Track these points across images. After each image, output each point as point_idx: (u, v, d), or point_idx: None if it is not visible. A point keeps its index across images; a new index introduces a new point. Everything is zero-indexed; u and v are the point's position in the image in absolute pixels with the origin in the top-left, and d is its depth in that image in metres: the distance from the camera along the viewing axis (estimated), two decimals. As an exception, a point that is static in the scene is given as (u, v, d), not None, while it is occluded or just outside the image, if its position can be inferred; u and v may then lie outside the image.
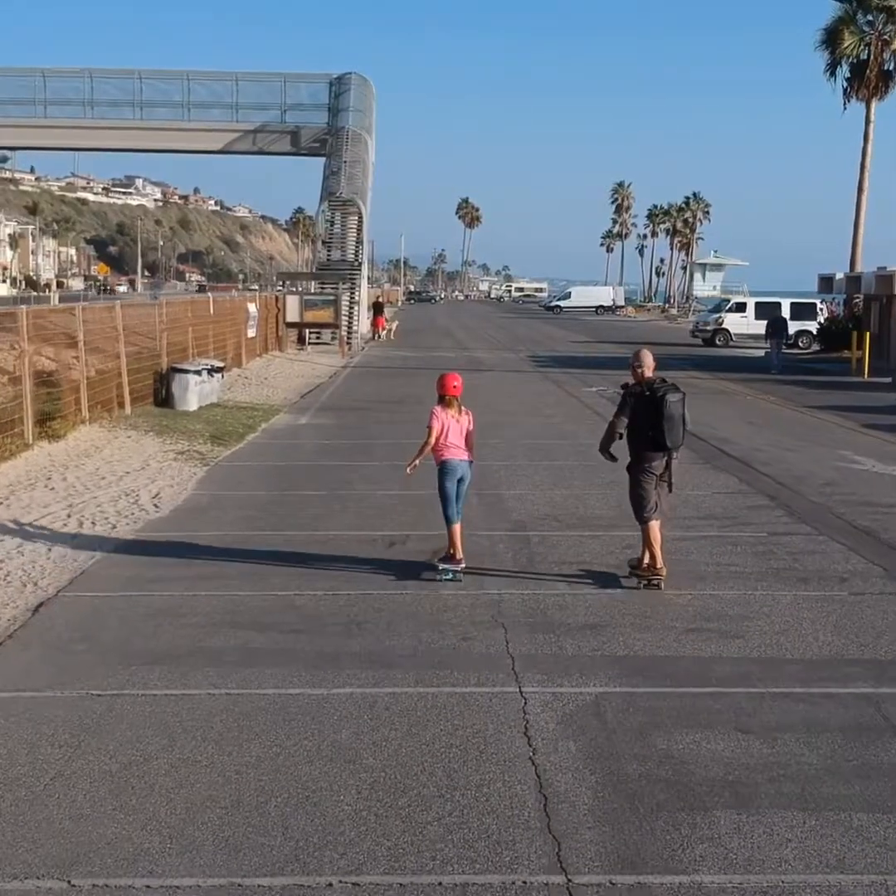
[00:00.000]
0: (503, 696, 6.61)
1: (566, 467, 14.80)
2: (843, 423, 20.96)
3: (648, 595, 8.83)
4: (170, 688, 6.77)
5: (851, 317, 40.83)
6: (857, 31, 44.55)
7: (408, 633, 7.80)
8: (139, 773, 5.60)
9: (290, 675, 6.95)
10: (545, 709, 6.43)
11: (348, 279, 41.25)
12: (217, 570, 9.49)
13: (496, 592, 8.83)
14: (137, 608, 8.43)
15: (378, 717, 6.31)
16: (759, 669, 7.15)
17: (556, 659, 7.30)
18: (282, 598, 8.69)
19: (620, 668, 7.12)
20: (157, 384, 20.19)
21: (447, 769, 5.64)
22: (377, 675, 6.97)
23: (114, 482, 13.16)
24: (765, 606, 8.53)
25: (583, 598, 8.71)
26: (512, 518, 11.73)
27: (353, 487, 13.31)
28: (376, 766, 5.67)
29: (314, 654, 7.38)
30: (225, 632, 7.83)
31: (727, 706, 6.51)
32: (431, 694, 6.65)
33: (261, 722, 6.23)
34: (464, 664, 7.17)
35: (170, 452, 15.48)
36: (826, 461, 15.84)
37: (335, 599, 8.64)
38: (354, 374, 30.59)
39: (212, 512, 11.94)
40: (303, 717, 6.30)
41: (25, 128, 53.60)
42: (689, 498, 12.73)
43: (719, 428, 19.25)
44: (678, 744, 5.95)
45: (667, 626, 8.01)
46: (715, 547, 10.43)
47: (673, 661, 7.31)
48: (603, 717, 6.32)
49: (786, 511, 12.19)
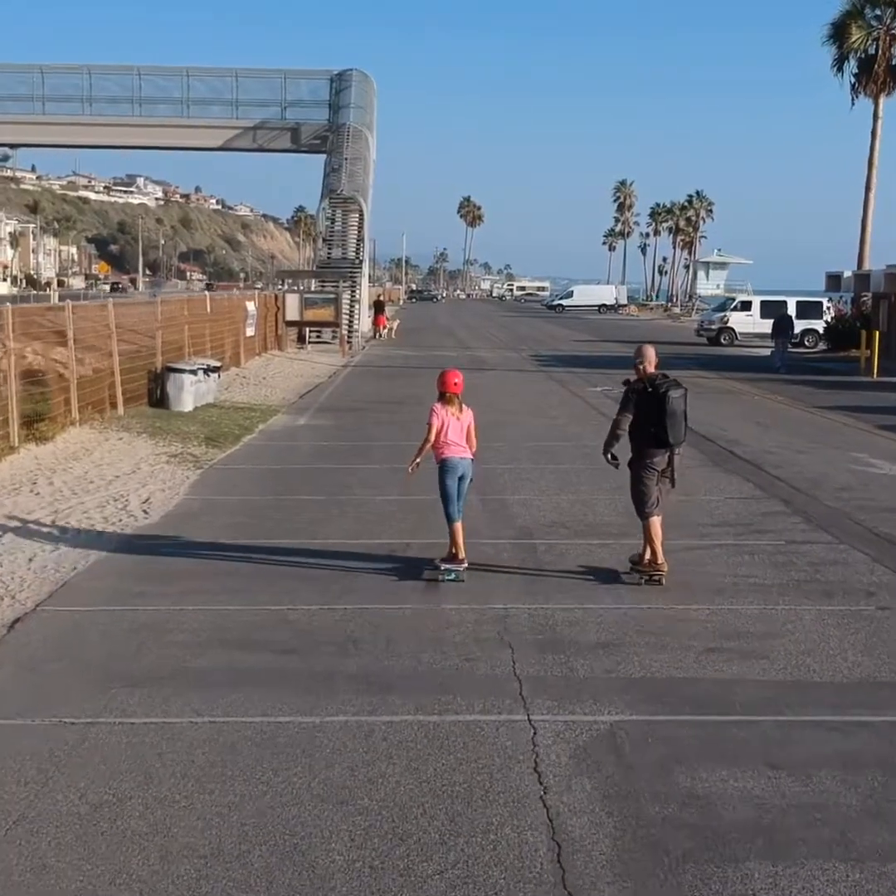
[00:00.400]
0: (510, 726, 6.09)
1: (572, 471, 14.28)
2: (854, 423, 20.42)
3: (664, 611, 8.31)
4: (150, 715, 6.25)
5: (859, 315, 40.26)
6: (865, 25, 44.02)
7: (407, 653, 7.28)
8: (111, 816, 5.09)
9: (280, 701, 6.43)
10: (556, 740, 5.91)
11: (349, 277, 40.72)
12: (206, 582, 8.97)
13: (501, 607, 8.31)
14: (120, 624, 7.91)
15: (374, 749, 5.79)
16: (786, 694, 6.63)
17: (566, 682, 6.78)
18: (273, 612, 8.17)
19: (636, 693, 6.60)
20: (151, 384, 19.67)
21: (450, 811, 5.12)
22: (374, 700, 6.45)
23: (102, 487, 12.64)
24: (788, 623, 8.01)
25: (594, 613, 8.18)
26: (517, 525, 11.21)
27: (351, 492, 12.79)
28: (372, 807, 5.16)
29: (306, 675, 6.87)
30: (212, 651, 7.32)
31: (754, 736, 5.99)
32: (433, 723, 6.13)
33: (246, 755, 5.72)
34: (468, 688, 6.65)
35: (162, 455, 14.96)
36: (840, 464, 15.31)
37: (330, 614, 8.12)
38: (355, 374, 30.07)
39: (204, 518, 11.42)
40: (292, 749, 5.78)
41: (24, 125, 53.16)
42: (702, 503, 12.22)
43: (728, 429, 18.74)
44: (703, 781, 5.43)
45: (685, 646, 7.48)
46: (731, 557, 9.91)
47: (692, 684, 6.79)
48: (619, 750, 5.80)
49: (803, 517, 11.66)
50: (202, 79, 54.69)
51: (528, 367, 33.49)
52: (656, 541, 8.91)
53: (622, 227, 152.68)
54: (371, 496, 12.54)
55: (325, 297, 37.92)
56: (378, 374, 29.93)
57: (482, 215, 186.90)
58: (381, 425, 18.76)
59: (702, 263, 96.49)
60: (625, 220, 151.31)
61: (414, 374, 28.15)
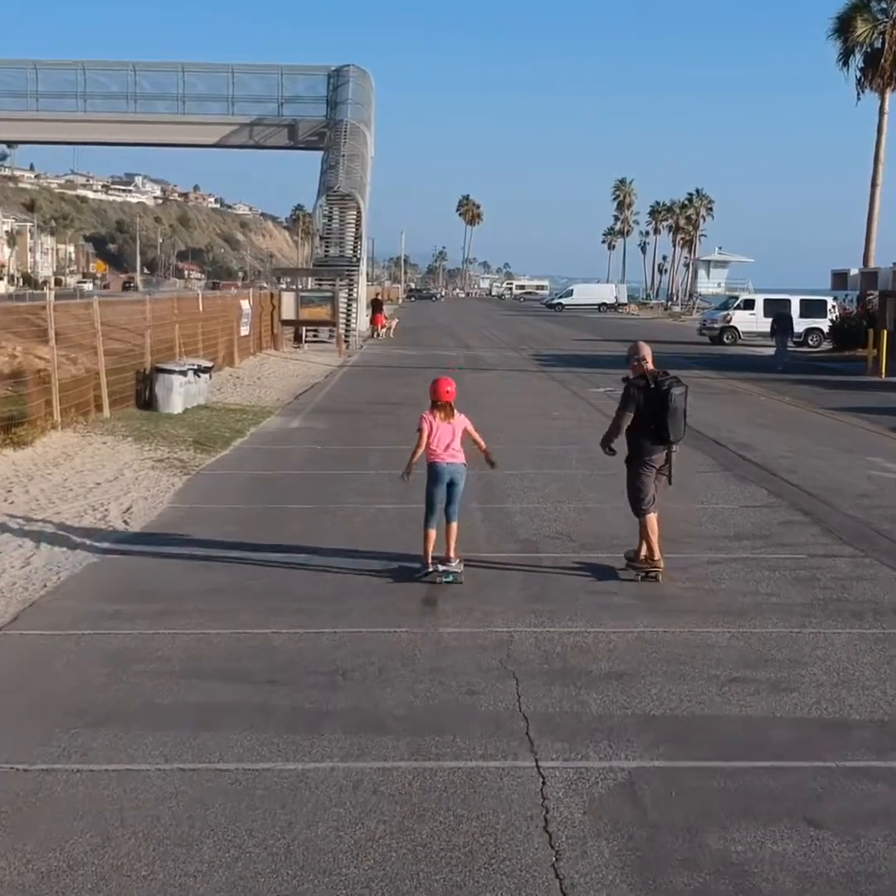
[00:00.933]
0: (516, 774, 5.43)
1: (577, 477, 13.62)
2: (865, 425, 19.77)
3: (681, 635, 7.63)
4: (113, 761, 5.58)
5: (865, 314, 39.58)
6: (871, 18, 43.33)
7: (402, 685, 6.61)
8: (59, 888, 4.43)
9: (259, 744, 5.76)
10: (569, 792, 5.24)
11: (346, 276, 40.01)
12: (186, 601, 8.29)
13: (505, 630, 7.64)
14: (89, 651, 7.24)
15: (364, 803, 5.12)
16: (823, 735, 5.96)
17: (578, 720, 6.11)
18: (256, 637, 7.50)
19: (656, 734, 5.93)
20: (139, 385, 18.98)
21: (448, 883, 4.46)
22: (364, 742, 5.79)
23: (81, 495, 11.96)
24: (817, 649, 7.34)
25: (605, 638, 7.52)
26: (520, 537, 10.55)
27: (344, 501, 12.13)
28: (359, 877, 4.49)
29: (290, 712, 6.20)
30: (187, 682, 6.65)
31: (790, 787, 5.33)
32: (429, 770, 5.46)
33: (218, 812, 5.05)
34: (468, 727, 5.98)
35: (147, 460, 14.27)
36: (857, 469, 14.66)
37: (318, 639, 7.46)
38: (351, 374, 29.39)
39: (187, 529, 10.73)
40: (271, 803, 5.12)
41: (18, 121, 52.46)
42: (716, 513, 11.56)
43: (737, 432, 18.11)
44: (736, 843, 4.77)
45: (706, 675, 6.82)
46: (750, 572, 9.24)
47: (718, 722, 6.12)
48: (640, 804, 5.14)
49: (822, 528, 11.00)
50: (198, 75, 54.00)
51: (528, 366, 32.82)
52: (653, 537, 8.88)
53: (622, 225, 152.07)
54: (366, 505, 11.88)
55: (322, 296, 37.21)
56: (376, 373, 29.24)
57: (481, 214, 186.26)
58: (377, 428, 18.09)
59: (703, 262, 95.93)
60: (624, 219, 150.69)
61: (412, 374, 27.42)
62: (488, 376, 28.16)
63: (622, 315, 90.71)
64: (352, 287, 40.31)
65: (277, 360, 32.20)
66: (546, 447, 16.14)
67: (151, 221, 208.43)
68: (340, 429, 18.20)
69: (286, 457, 15.36)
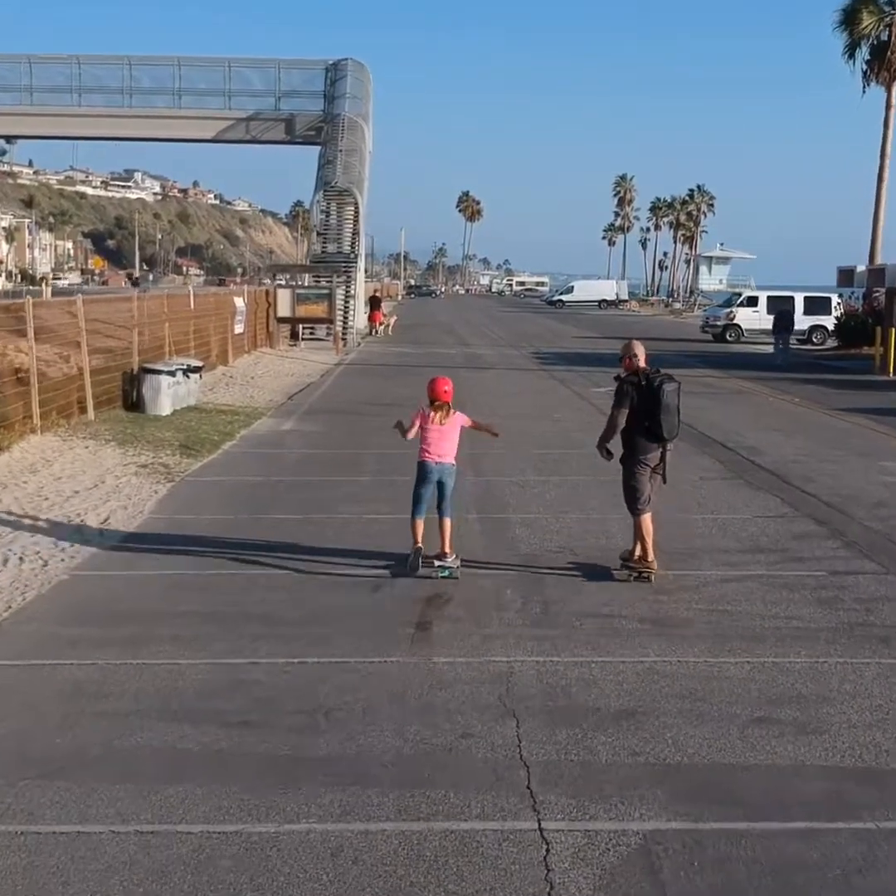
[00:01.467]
0: (517, 839, 4.79)
1: (580, 484, 12.98)
2: (876, 427, 19.12)
3: (696, 665, 6.99)
4: (62, 821, 4.95)
5: (871, 311, 38.90)
6: (877, 10, 42.63)
7: (390, 726, 5.98)
8: None
9: (228, 800, 5.12)
10: (576, 862, 4.61)
11: (344, 272, 39.38)
12: (157, 626, 7.65)
13: (504, 660, 7.01)
14: (47, 685, 6.61)
15: (342, 877, 4.49)
16: (858, 788, 5.33)
17: (585, 770, 5.48)
18: (231, 668, 6.86)
19: (672, 787, 5.30)
20: (126, 386, 18.34)
21: (437, 983, 3.83)
22: (346, 798, 5.15)
23: (57, 504, 11.33)
24: (845, 682, 6.71)
25: (613, 669, 6.89)
26: (521, 551, 9.90)
27: (336, 510, 11.49)
28: (333, 976, 3.87)
29: (265, 761, 5.56)
30: (151, 724, 6.00)
31: (827, 855, 4.69)
32: (417, 834, 4.83)
33: (176, 887, 4.41)
34: (463, 780, 5.34)
35: (131, 466, 13.63)
36: (872, 475, 14.02)
37: (300, 671, 6.82)
38: (348, 373, 28.75)
39: (167, 542, 10.07)
40: (236, 878, 4.48)
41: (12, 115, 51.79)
42: (727, 524, 10.94)
43: (745, 434, 17.47)
44: (770, 929, 4.15)
45: (725, 714, 6.18)
46: (767, 592, 8.60)
47: (741, 772, 5.49)
48: (658, 878, 4.50)
49: (841, 541, 10.36)
50: (194, 69, 53.34)
51: (529, 365, 32.18)
52: (647, 538, 8.85)
53: (622, 221, 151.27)
54: (358, 514, 11.25)
55: (319, 293, 36.57)
56: (373, 372, 28.61)
57: (481, 210, 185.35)
58: (373, 430, 17.41)
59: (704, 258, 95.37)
60: (625, 215, 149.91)
61: (411, 373, 26.76)
62: (487, 375, 27.52)
63: (623, 312, 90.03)
64: (349, 284, 39.69)
65: (273, 358, 31.56)
66: (547, 451, 15.51)
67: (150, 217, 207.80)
68: (335, 431, 17.58)
69: (276, 461, 14.73)
